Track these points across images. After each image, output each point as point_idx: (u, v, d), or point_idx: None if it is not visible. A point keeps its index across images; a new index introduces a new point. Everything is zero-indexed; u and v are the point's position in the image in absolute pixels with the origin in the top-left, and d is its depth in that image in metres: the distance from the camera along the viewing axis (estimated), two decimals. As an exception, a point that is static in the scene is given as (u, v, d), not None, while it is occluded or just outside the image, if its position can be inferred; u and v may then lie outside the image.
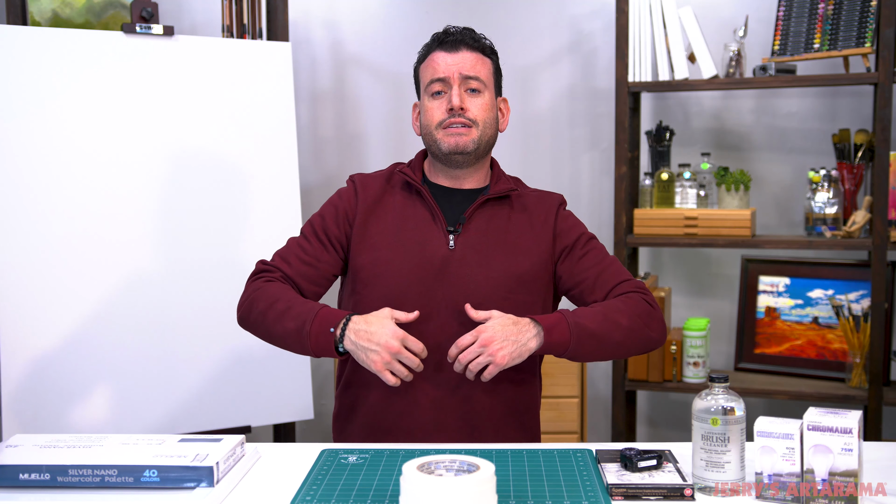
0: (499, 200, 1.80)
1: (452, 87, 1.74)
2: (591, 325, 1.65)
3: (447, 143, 1.74)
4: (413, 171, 1.83)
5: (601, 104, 3.16)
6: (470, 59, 1.75)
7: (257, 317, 1.72)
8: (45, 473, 1.41)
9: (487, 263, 1.74)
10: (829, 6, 2.69)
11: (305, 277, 1.77)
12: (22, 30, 2.38)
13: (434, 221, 1.76)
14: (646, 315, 1.71)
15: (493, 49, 1.82)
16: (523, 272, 1.75)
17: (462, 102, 1.73)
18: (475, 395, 1.71)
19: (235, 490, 1.43)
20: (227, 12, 2.68)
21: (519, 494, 1.38)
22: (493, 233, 1.76)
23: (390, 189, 1.82)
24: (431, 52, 1.79)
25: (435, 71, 1.76)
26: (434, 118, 1.76)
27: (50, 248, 2.34)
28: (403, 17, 3.27)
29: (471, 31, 1.80)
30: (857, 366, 2.72)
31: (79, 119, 2.38)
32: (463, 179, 1.81)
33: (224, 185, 2.55)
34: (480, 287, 1.72)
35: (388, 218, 1.78)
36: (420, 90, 1.82)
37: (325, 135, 3.33)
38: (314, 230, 1.81)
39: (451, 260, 1.73)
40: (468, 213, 1.76)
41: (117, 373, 2.41)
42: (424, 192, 1.77)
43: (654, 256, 3.21)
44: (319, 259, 1.78)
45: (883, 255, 2.63)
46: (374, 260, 1.75)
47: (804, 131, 3.03)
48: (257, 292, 1.74)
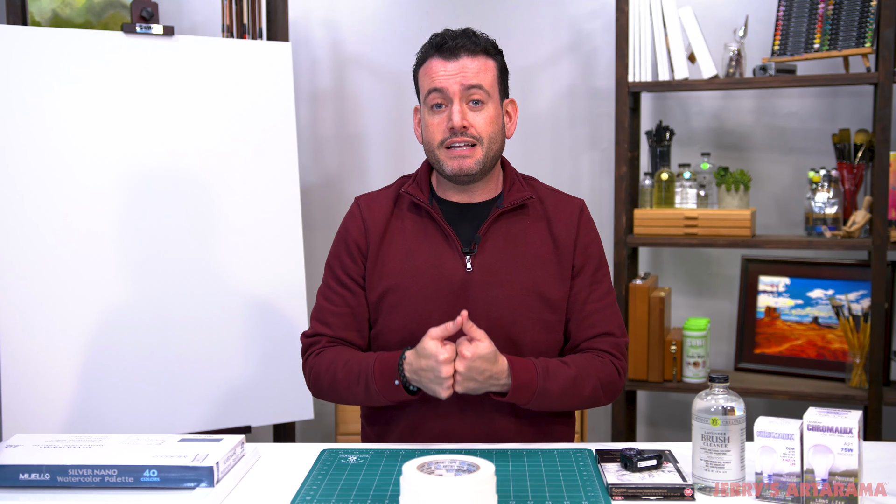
0: (514, 211, 1.73)
1: (453, 102, 1.65)
2: (555, 390, 1.61)
3: (451, 165, 1.66)
4: (420, 187, 1.74)
5: (601, 104, 3.16)
6: (471, 67, 1.65)
7: (330, 394, 1.71)
8: (45, 473, 1.41)
9: (509, 283, 1.68)
10: (829, 6, 2.69)
11: (347, 329, 1.74)
12: (22, 30, 2.38)
13: (448, 243, 1.70)
14: (610, 385, 1.68)
15: (496, 47, 1.72)
16: (546, 288, 1.69)
17: (464, 119, 1.64)
18: (501, 422, 1.68)
19: (235, 490, 1.43)
20: (227, 12, 2.68)
21: (519, 494, 1.38)
22: (512, 248, 1.70)
23: (398, 211, 1.75)
24: (428, 58, 1.68)
25: (433, 80, 1.66)
26: (435, 137, 1.67)
27: (50, 248, 2.34)
28: (403, 17, 3.27)
29: (470, 34, 1.68)
30: (857, 366, 2.72)
31: (79, 119, 2.38)
32: (474, 193, 1.73)
33: (224, 185, 2.55)
34: (503, 308, 1.67)
35: (400, 244, 1.72)
36: (419, 97, 1.73)
37: (325, 135, 3.33)
38: (335, 276, 1.76)
39: (469, 283, 1.67)
40: (482, 230, 1.70)
41: (118, 373, 2.41)
42: (434, 213, 1.70)
43: (654, 256, 3.21)
44: (351, 305, 1.73)
45: (883, 255, 2.63)
46: (391, 289, 1.70)
47: (804, 131, 3.03)
48: (314, 370, 1.72)
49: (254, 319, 2.58)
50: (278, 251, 2.62)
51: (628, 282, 2.89)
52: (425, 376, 1.55)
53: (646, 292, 2.85)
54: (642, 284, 2.87)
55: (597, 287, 1.74)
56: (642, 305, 2.85)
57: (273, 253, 2.61)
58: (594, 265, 1.75)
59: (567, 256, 1.72)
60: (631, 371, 2.89)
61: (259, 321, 2.59)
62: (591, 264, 1.74)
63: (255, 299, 2.58)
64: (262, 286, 2.59)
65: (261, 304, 2.59)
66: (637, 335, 2.86)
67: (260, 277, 2.59)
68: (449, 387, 1.54)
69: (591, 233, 1.77)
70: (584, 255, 1.74)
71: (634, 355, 2.87)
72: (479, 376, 1.54)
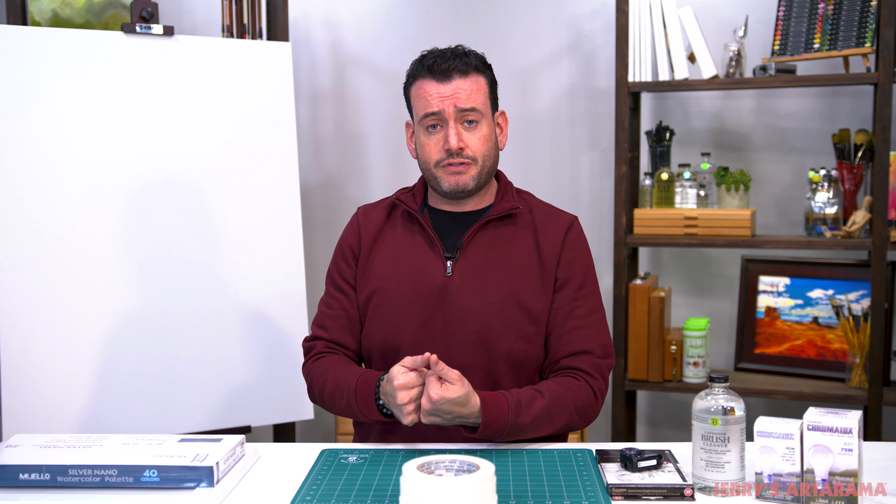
0: (502, 220, 1.74)
1: (448, 124, 1.67)
2: (527, 423, 1.58)
3: (447, 182, 1.69)
4: (415, 196, 1.79)
5: (601, 104, 3.16)
6: (464, 89, 1.67)
7: (319, 401, 1.76)
8: (45, 473, 1.41)
9: (487, 289, 1.68)
10: (829, 6, 2.69)
11: (342, 332, 1.77)
12: (22, 30, 2.38)
13: (432, 249, 1.72)
14: (585, 409, 1.66)
15: (486, 62, 1.74)
16: (527, 298, 1.69)
17: (460, 140, 1.67)
18: None
19: (235, 490, 1.43)
20: (227, 12, 2.68)
21: (519, 494, 1.39)
22: (495, 255, 1.71)
23: (392, 219, 1.80)
24: (420, 78, 1.70)
25: (428, 104, 1.68)
26: (431, 157, 1.70)
27: (50, 248, 2.34)
28: (403, 17, 3.27)
29: (460, 53, 1.70)
30: (857, 366, 2.72)
31: (79, 119, 2.38)
32: (465, 203, 1.76)
33: (224, 185, 2.55)
34: (480, 314, 1.67)
35: (388, 249, 1.76)
36: (413, 116, 1.75)
37: (325, 135, 3.33)
38: (333, 281, 1.81)
39: (448, 287, 1.69)
40: (466, 236, 1.72)
41: (118, 373, 2.40)
42: (422, 220, 1.74)
43: (654, 256, 3.21)
44: (346, 309, 1.77)
45: (883, 255, 2.63)
46: (375, 291, 1.73)
47: (804, 131, 3.03)
48: (310, 376, 1.77)
49: (254, 319, 2.58)
50: (278, 251, 2.62)
51: (628, 282, 2.89)
52: (388, 401, 1.57)
53: (646, 292, 2.85)
54: (642, 284, 2.87)
55: (581, 304, 1.72)
56: (642, 305, 2.85)
57: (273, 253, 2.61)
58: (578, 281, 1.73)
59: (550, 269, 1.72)
60: (631, 371, 2.89)
61: (259, 321, 2.59)
62: (575, 280, 1.72)
63: (255, 299, 2.58)
64: (262, 286, 2.59)
65: (261, 304, 2.59)
66: (637, 335, 2.86)
67: (260, 277, 2.59)
68: (408, 413, 1.53)
69: (577, 249, 1.75)
70: (567, 270, 1.72)
71: (634, 355, 2.87)
72: (446, 416, 1.53)
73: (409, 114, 1.78)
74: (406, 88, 1.76)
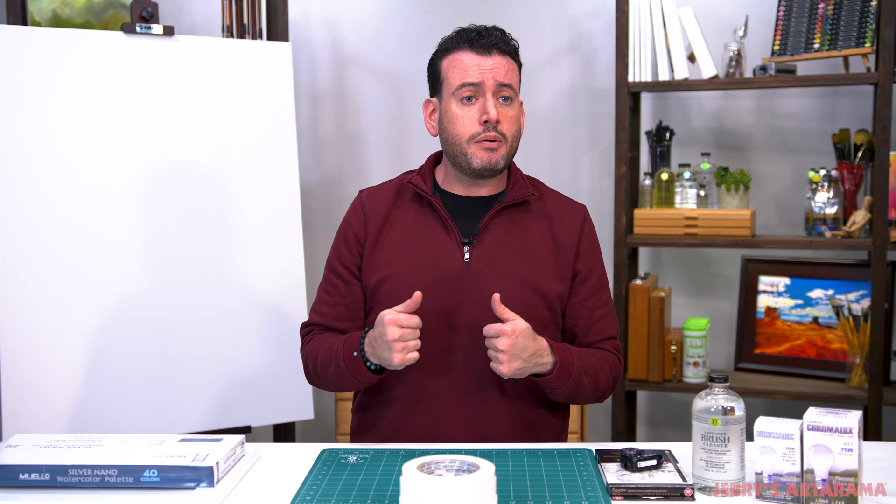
0: (516, 206, 1.74)
1: (486, 96, 1.65)
2: (585, 381, 1.65)
3: (480, 158, 1.66)
4: (424, 179, 1.74)
5: (601, 104, 3.16)
6: (503, 66, 1.67)
7: (314, 378, 1.76)
8: (45, 473, 1.41)
9: (506, 275, 1.68)
10: (829, 6, 2.69)
11: (339, 318, 1.76)
12: (22, 30, 2.38)
13: (448, 233, 1.70)
14: (614, 381, 1.75)
15: (518, 50, 1.74)
16: (544, 284, 1.70)
17: (498, 114, 1.65)
18: (492, 409, 1.68)
19: (235, 490, 1.43)
20: (227, 12, 2.68)
21: (519, 494, 1.39)
22: (511, 242, 1.71)
23: (400, 202, 1.75)
24: (458, 51, 1.68)
25: (466, 74, 1.65)
26: (465, 130, 1.66)
27: (50, 249, 2.34)
28: (403, 17, 3.27)
29: (502, 33, 1.70)
30: (857, 366, 2.72)
31: (79, 119, 2.38)
32: (480, 187, 1.74)
33: (224, 185, 2.55)
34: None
35: (400, 233, 1.72)
36: (442, 89, 1.71)
37: (325, 135, 3.33)
38: (332, 266, 1.78)
39: (467, 273, 1.68)
40: (483, 222, 1.70)
41: (118, 373, 2.41)
42: (436, 203, 1.71)
43: (654, 256, 3.21)
44: (344, 295, 1.75)
45: (883, 255, 2.63)
46: (388, 277, 1.70)
47: (804, 131, 3.03)
48: (304, 357, 1.78)
49: (254, 319, 2.58)
50: (278, 251, 2.62)
51: (628, 282, 2.89)
52: (377, 345, 1.56)
53: (646, 292, 2.85)
54: (642, 284, 2.87)
55: (602, 293, 1.78)
56: (642, 305, 2.85)
57: (273, 253, 2.61)
58: (599, 273, 1.78)
59: (568, 258, 1.73)
60: (631, 371, 2.89)
61: (259, 321, 2.59)
62: (596, 272, 1.78)
63: (255, 299, 2.58)
64: (262, 286, 2.59)
65: (261, 304, 2.59)
66: (637, 335, 2.86)
67: (260, 277, 2.59)
68: (399, 350, 1.53)
69: (594, 240, 1.80)
70: (589, 263, 1.76)
71: (634, 355, 2.87)
72: (524, 353, 1.55)
73: (433, 90, 1.75)
74: (435, 61, 1.73)
